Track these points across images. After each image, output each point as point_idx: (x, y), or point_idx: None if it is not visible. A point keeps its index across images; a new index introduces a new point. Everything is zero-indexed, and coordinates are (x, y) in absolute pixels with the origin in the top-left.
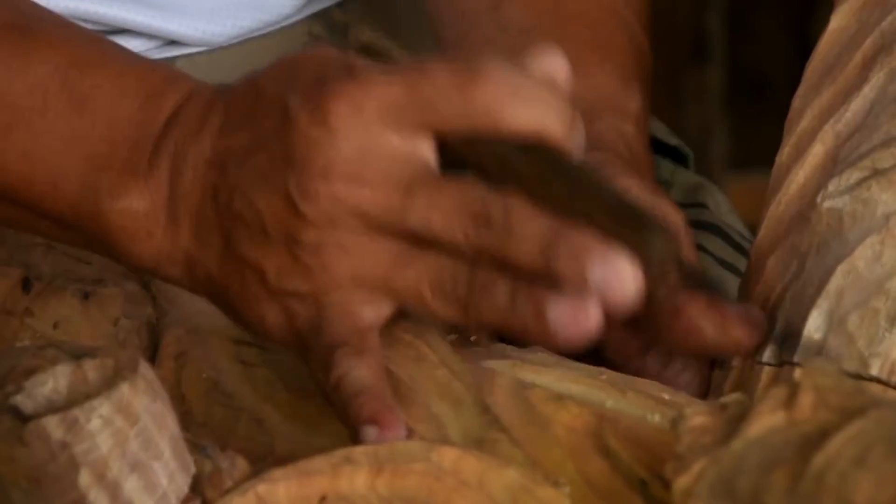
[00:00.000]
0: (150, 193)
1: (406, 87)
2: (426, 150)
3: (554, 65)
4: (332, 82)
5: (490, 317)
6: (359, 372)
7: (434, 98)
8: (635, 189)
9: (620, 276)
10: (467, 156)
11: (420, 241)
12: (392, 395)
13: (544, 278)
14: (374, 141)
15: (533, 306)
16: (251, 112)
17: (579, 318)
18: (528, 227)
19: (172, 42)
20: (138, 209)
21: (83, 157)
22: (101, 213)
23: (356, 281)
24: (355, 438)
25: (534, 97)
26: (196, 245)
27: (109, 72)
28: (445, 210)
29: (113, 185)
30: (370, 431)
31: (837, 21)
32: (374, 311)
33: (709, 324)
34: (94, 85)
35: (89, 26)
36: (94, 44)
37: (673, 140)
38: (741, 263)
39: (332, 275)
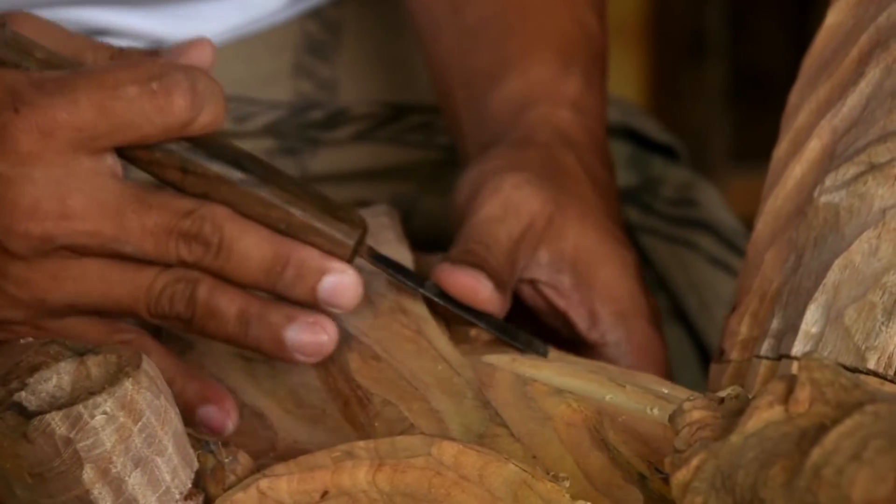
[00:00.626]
0: None
1: (96, 109)
2: (114, 162)
3: (203, 54)
4: (11, 116)
5: (219, 336)
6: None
7: (129, 119)
8: (496, 171)
9: (346, 286)
10: (142, 160)
11: (135, 259)
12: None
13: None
14: (69, 167)
15: (267, 330)
16: None
17: (318, 337)
18: (246, 251)
19: (158, 44)
20: None
21: None
22: None
23: (71, 307)
24: (191, 424)
25: (212, 96)
26: None
27: None
28: (157, 233)
29: None
30: (208, 412)
31: (833, 17)
32: (99, 328)
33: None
34: None
35: (73, 28)
36: None
37: (664, 137)
38: (733, 261)
39: (45, 304)
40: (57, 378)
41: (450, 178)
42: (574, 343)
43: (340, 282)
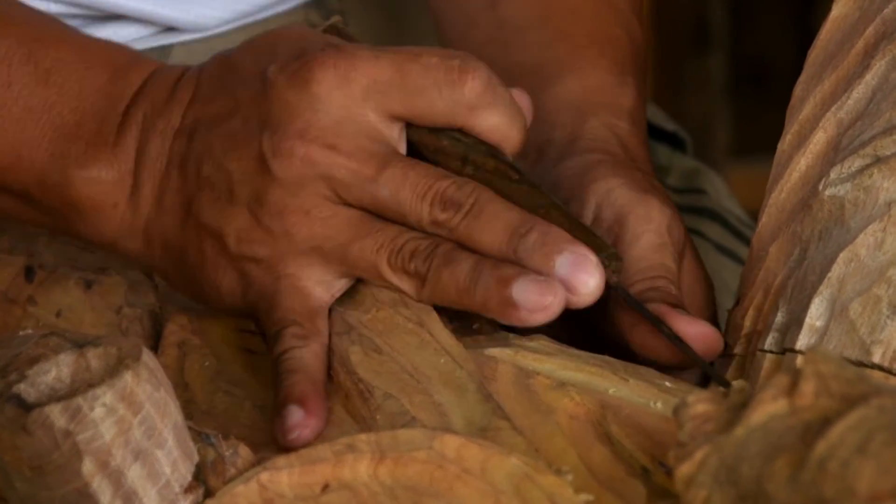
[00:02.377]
0: (118, 163)
1: (395, 68)
2: (398, 134)
3: (521, 99)
4: (316, 53)
5: (449, 289)
6: (300, 353)
7: (422, 84)
8: (619, 188)
9: (587, 269)
10: (429, 147)
11: (384, 213)
12: (326, 385)
13: (508, 262)
14: (353, 114)
15: (497, 281)
16: (224, 84)
17: (545, 296)
18: (496, 214)
19: (168, 29)
20: (106, 178)
21: (51, 127)
22: (68, 182)
23: (315, 250)
24: (278, 415)
25: (508, 105)
26: (157, 212)
27: (73, 46)
28: (416, 186)
29: (81, 154)
30: (295, 412)
31: (839, 9)
32: (325, 291)
33: (661, 345)
34: (58, 58)
35: (83, 12)
36: (55, 21)
37: (670, 125)
38: (740, 249)
39: (292, 240)
40: (56, 370)
41: None
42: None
43: (584, 261)
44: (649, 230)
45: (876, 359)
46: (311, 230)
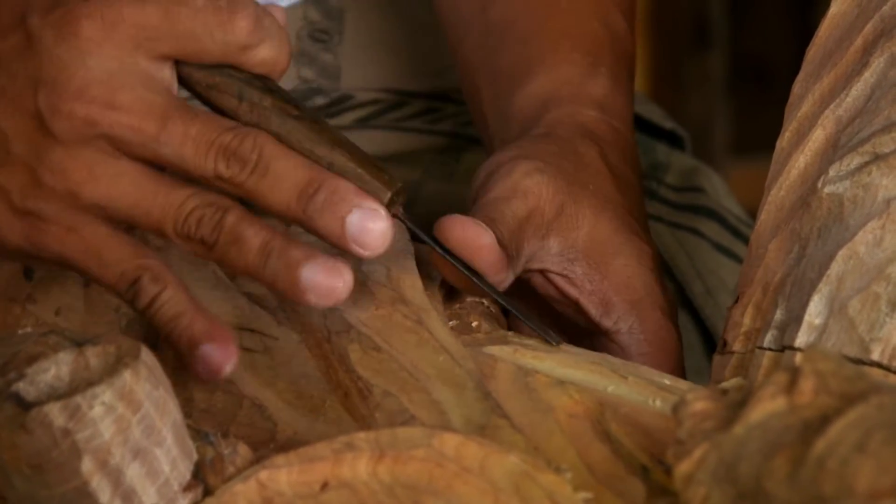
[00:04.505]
0: None
1: (163, 13)
2: (171, 76)
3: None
4: (79, 3)
5: (238, 265)
6: (168, 294)
7: (192, 27)
8: (509, 161)
9: (377, 225)
10: (202, 84)
11: (170, 168)
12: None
13: (297, 222)
14: (126, 64)
15: (285, 265)
16: None
17: (333, 280)
18: (282, 173)
19: None
20: None
21: None
22: None
23: (102, 210)
24: (194, 360)
25: (276, 36)
26: None
27: None
28: (197, 143)
29: None
30: (212, 350)
31: (838, 6)
32: (125, 244)
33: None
34: None
35: None
36: None
37: (668, 123)
38: (738, 248)
39: (78, 200)
40: (55, 368)
41: (453, 164)
42: (588, 332)
43: (372, 218)
44: (502, 185)
45: (875, 356)
46: (96, 189)
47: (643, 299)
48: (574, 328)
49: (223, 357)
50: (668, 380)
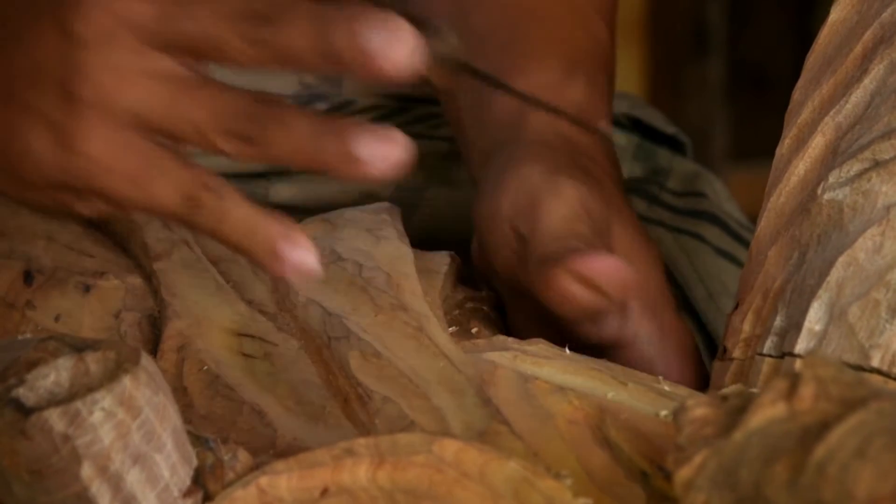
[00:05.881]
0: None
1: None
2: None
3: None
4: None
5: (288, 153)
6: (233, 201)
7: None
8: (535, 174)
9: (398, 36)
10: None
11: (201, 53)
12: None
13: (330, 65)
14: None
15: (338, 139)
16: None
17: (388, 149)
18: (299, 10)
19: None
20: None
21: None
22: None
23: (137, 118)
24: (272, 269)
25: None
26: None
27: None
28: (220, 12)
29: None
30: (294, 252)
31: (837, 13)
32: (183, 167)
33: (578, 287)
34: None
35: None
36: None
37: (670, 128)
38: (740, 252)
39: (112, 108)
40: (55, 374)
41: (455, 169)
42: (603, 347)
43: (396, 28)
44: (560, 204)
45: (875, 363)
46: (129, 93)
47: (658, 302)
48: (588, 346)
49: (311, 258)
50: (667, 386)
